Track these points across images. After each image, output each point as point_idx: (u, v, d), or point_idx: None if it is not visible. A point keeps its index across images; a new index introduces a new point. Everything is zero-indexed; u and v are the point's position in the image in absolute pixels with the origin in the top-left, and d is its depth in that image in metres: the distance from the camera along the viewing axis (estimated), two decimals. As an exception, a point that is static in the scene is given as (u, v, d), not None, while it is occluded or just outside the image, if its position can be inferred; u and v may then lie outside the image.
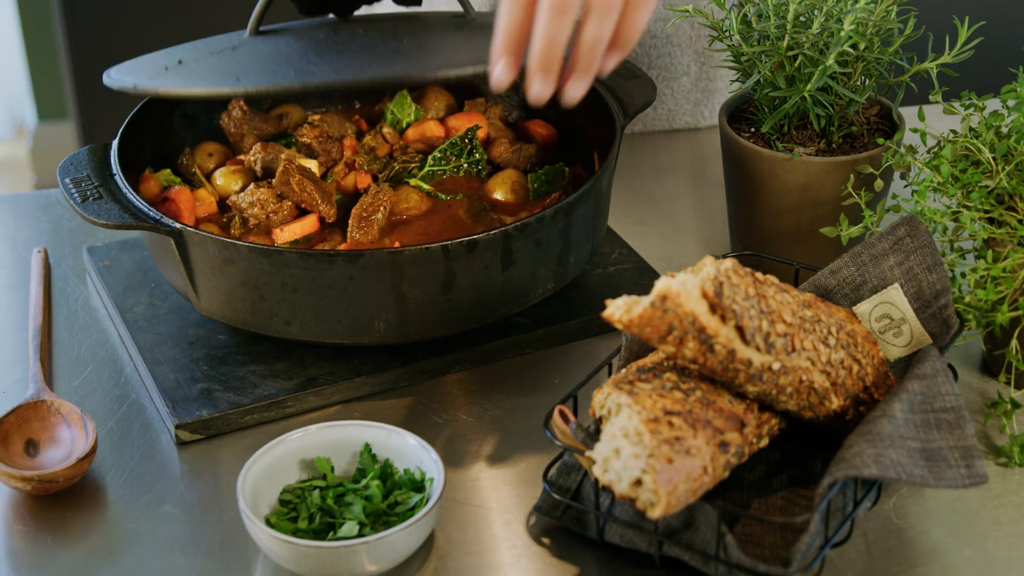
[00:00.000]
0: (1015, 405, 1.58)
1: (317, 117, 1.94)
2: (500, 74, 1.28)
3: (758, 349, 1.40)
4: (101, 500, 1.56)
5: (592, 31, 1.25)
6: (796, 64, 1.70)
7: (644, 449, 1.31)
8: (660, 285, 1.35)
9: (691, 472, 1.33)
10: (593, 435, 1.42)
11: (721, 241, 1.95)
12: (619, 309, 1.35)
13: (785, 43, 1.69)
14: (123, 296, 1.82)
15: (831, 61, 1.66)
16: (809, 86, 1.67)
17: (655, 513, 1.31)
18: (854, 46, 1.70)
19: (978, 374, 1.70)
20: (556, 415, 1.46)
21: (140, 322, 1.77)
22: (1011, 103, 1.64)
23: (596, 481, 1.39)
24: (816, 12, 1.68)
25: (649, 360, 1.47)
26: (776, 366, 1.41)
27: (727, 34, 1.75)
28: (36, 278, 1.86)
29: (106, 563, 1.48)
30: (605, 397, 1.40)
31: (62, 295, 1.88)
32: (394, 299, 1.60)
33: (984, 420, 1.62)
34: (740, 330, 1.39)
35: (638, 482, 1.32)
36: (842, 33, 1.64)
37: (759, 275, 1.45)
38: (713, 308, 1.37)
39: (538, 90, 1.26)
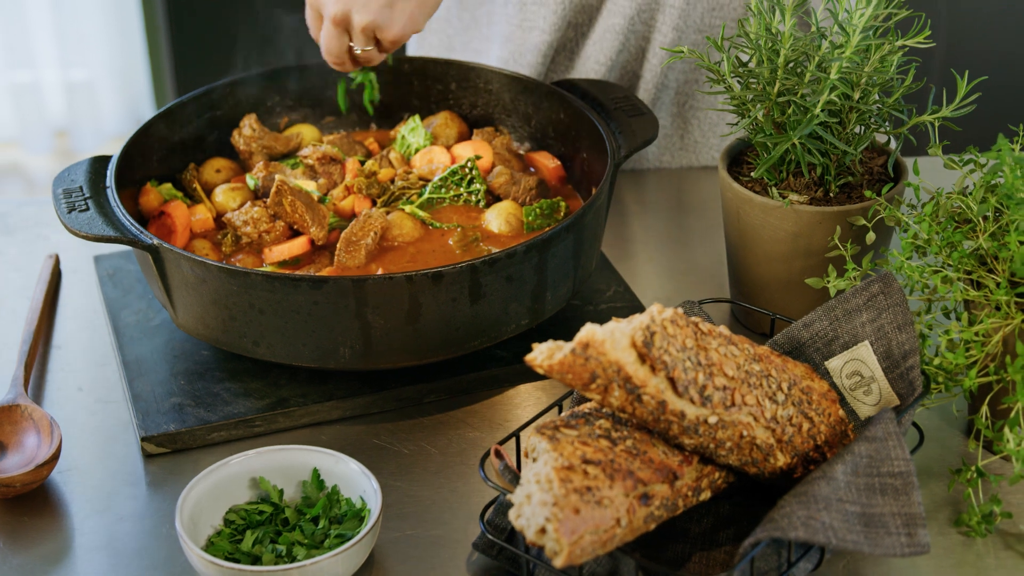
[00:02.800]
0: (980, 474, 1.53)
1: (332, 137, 1.96)
2: None
3: (692, 401, 1.38)
4: (59, 507, 1.59)
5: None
6: (789, 111, 1.67)
7: (551, 497, 1.30)
8: (584, 332, 1.33)
9: (600, 523, 1.31)
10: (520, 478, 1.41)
11: (724, 285, 1.92)
12: (541, 354, 1.34)
13: (776, 89, 1.67)
14: (120, 305, 1.86)
15: (818, 110, 1.63)
16: (795, 133, 1.64)
17: (558, 562, 1.29)
18: (847, 96, 1.66)
19: (962, 436, 1.65)
20: (492, 455, 1.45)
21: (131, 332, 1.80)
22: (991, 162, 1.59)
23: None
24: (808, 60, 1.65)
25: (588, 405, 1.46)
26: (712, 419, 1.39)
27: (722, 76, 1.73)
28: (41, 283, 1.90)
29: (50, 570, 1.51)
30: (536, 441, 1.39)
31: (71, 301, 1.92)
32: (359, 326, 1.60)
33: (948, 487, 1.57)
34: (672, 381, 1.37)
35: (544, 529, 1.31)
36: (827, 82, 1.60)
37: (704, 326, 1.43)
38: (643, 358, 1.35)
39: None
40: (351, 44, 1.87)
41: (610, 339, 1.34)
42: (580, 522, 1.30)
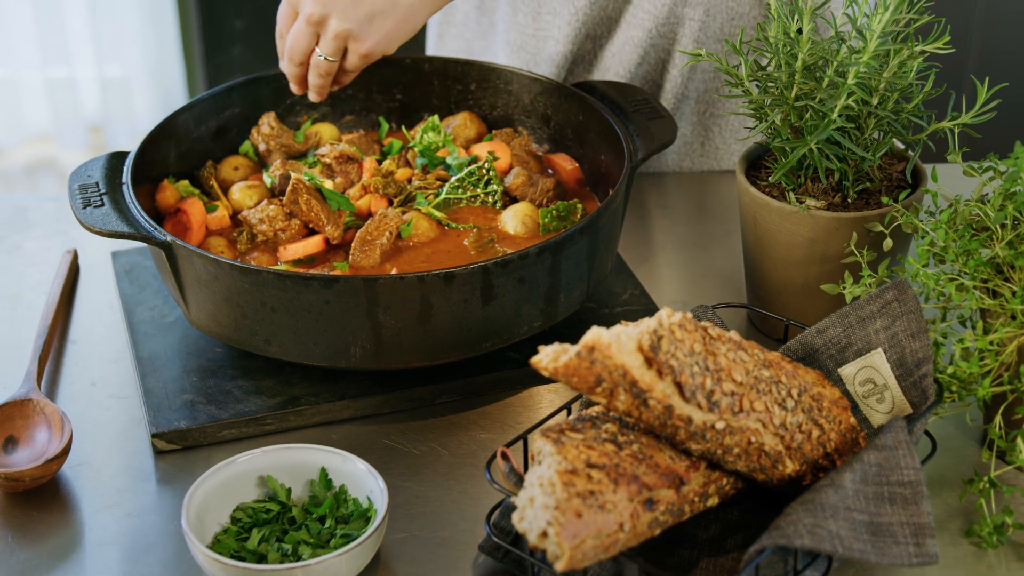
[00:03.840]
0: (993, 484, 1.51)
1: (350, 136, 1.96)
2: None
3: (700, 407, 1.37)
4: (69, 502, 1.59)
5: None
6: (807, 116, 1.66)
7: (554, 501, 1.29)
8: (589, 335, 1.32)
9: (603, 528, 1.30)
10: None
11: (742, 289, 1.91)
12: (546, 356, 1.34)
13: (793, 93, 1.65)
14: (136, 301, 1.86)
15: (835, 114, 1.62)
16: (812, 138, 1.63)
17: (559, 566, 1.28)
18: (865, 101, 1.65)
19: (975, 446, 1.64)
20: (498, 457, 1.44)
21: (146, 328, 1.81)
22: (1010, 170, 1.57)
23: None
24: (827, 64, 1.64)
25: (595, 409, 1.45)
26: (720, 425, 1.38)
27: (740, 80, 1.71)
28: (59, 278, 1.90)
29: (58, 565, 1.51)
30: (541, 444, 1.39)
31: (89, 296, 1.92)
32: (370, 326, 1.60)
33: (960, 497, 1.55)
34: (679, 386, 1.36)
35: (545, 533, 1.30)
36: (845, 87, 1.59)
37: (713, 331, 1.42)
38: (650, 362, 1.35)
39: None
40: (316, 49, 1.86)
41: (616, 342, 1.33)
42: (582, 526, 1.29)
